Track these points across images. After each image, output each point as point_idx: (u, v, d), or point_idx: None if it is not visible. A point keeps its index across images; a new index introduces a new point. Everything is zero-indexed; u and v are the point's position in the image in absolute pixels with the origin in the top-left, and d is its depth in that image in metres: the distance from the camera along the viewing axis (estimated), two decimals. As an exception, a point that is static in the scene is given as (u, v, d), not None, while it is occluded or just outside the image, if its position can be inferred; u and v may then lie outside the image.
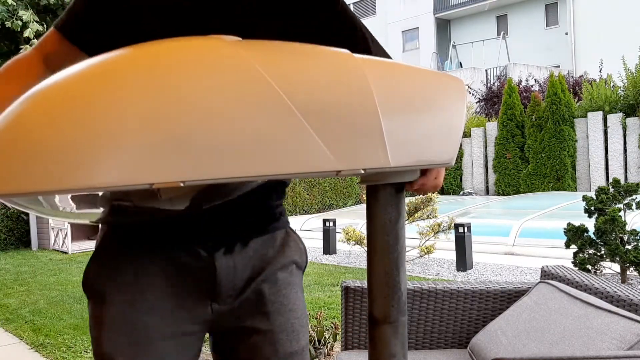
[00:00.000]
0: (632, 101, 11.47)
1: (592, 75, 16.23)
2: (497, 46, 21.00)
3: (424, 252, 5.79)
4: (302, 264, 1.05)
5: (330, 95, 0.56)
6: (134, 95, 0.47)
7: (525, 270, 5.56)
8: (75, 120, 0.45)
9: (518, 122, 12.46)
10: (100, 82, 0.48)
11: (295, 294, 1.00)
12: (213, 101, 0.49)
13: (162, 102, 0.47)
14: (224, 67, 0.51)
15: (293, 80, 0.54)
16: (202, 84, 0.49)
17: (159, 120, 0.46)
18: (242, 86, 0.51)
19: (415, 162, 0.63)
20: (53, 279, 5.94)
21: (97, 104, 0.46)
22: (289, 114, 0.52)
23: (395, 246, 0.67)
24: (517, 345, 1.70)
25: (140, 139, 0.46)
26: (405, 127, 0.62)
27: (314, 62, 0.58)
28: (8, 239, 8.63)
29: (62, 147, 0.44)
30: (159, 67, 0.49)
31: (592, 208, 4.44)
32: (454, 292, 2.09)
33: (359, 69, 0.60)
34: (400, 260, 0.68)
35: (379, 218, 0.68)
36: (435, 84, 0.69)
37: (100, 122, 0.45)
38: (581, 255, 4.45)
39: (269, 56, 0.55)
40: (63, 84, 0.48)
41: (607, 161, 11.56)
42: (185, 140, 0.47)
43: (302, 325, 0.99)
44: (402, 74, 0.66)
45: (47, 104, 0.46)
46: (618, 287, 1.83)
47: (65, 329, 3.95)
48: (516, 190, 12.32)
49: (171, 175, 0.46)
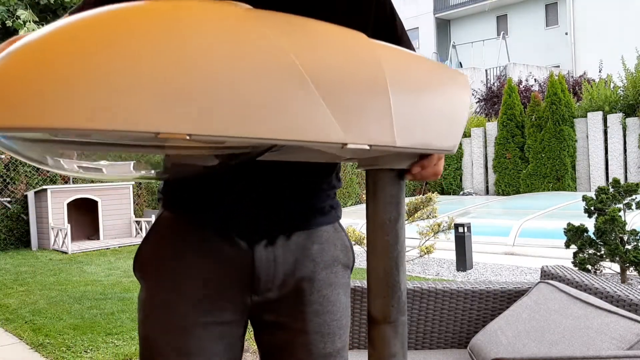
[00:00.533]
0: (632, 101, 11.47)
1: (592, 76, 16.24)
2: (497, 46, 21.00)
3: (424, 252, 5.79)
4: (349, 263, 1.03)
5: (343, 68, 0.56)
6: (148, 44, 0.46)
7: (525, 270, 5.56)
8: (86, 58, 0.44)
9: (518, 122, 12.46)
10: (116, 27, 0.47)
11: (337, 295, 0.98)
12: (226, 61, 0.49)
13: (175, 54, 0.46)
14: (238, 31, 0.51)
15: (307, 49, 0.54)
16: (217, 44, 0.49)
17: (171, 71, 0.46)
18: (255, 50, 0.50)
19: (420, 145, 0.64)
20: (53, 279, 5.94)
21: (110, 47, 0.45)
22: (300, 80, 0.52)
23: (395, 246, 0.67)
24: (517, 345, 1.70)
25: (150, 86, 0.45)
26: (413, 110, 0.62)
27: (328, 37, 0.59)
28: (8, 239, 8.63)
29: (68, 83, 0.42)
30: (176, 20, 0.49)
31: (592, 208, 4.44)
32: (454, 292, 2.09)
33: (372, 49, 0.61)
34: (400, 259, 0.68)
35: (379, 217, 0.68)
36: (443, 74, 0.71)
37: (111, 64, 0.44)
38: (581, 255, 4.45)
39: (284, 26, 0.55)
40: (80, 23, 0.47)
41: (607, 161, 11.56)
42: (194, 94, 0.46)
43: (339, 327, 0.97)
44: (413, 60, 0.67)
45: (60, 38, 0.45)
46: (618, 287, 1.83)
47: (65, 329, 3.95)
48: (516, 190, 12.32)
49: (177, 127, 0.45)
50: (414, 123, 0.62)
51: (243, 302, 0.94)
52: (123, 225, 9.15)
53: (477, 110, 16.63)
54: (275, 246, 0.93)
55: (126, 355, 3.41)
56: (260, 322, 0.99)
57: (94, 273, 6.25)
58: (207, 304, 0.92)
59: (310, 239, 0.96)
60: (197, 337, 0.91)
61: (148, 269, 0.96)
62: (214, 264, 0.92)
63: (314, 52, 0.54)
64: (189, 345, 0.91)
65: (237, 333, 0.96)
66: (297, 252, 0.95)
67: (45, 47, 0.44)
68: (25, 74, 0.43)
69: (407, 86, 0.63)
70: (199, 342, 0.91)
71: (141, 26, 0.46)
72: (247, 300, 0.95)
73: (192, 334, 0.91)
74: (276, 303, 0.95)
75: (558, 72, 14.21)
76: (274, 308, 0.96)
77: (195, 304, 0.92)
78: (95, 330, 3.90)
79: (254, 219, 0.92)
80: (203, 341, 0.91)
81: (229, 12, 0.52)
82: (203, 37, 0.48)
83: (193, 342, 0.91)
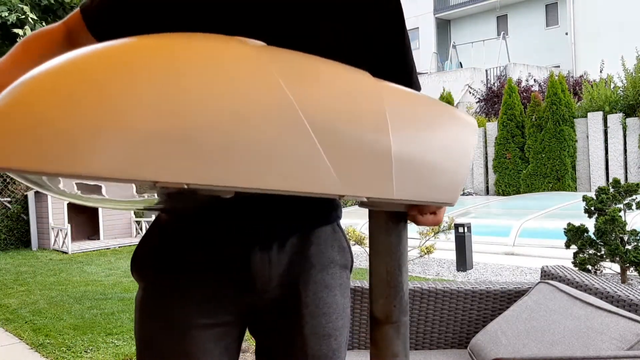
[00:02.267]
0: (632, 101, 11.47)
1: (592, 76, 16.23)
2: (497, 46, 20.99)
3: (424, 252, 5.79)
4: (346, 264, 1.02)
5: (346, 118, 0.55)
6: (147, 85, 0.45)
7: (525, 271, 5.56)
8: (81, 102, 0.43)
9: (518, 122, 12.46)
10: (114, 66, 0.46)
11: (333, 297, 0.97)
12: (227, 105, 0.48)
13: (175, 98, 0.46)
14: (243, 73, 0.50)
15: (310, 96, 0.53)
16: (218, 86, 0.48)
17: (169, 116, 0.45)
18: (258, 94, 0.50)
19: (419, 198, 0.62)
20: (53, 279, 5.94)
21: (107, 88, 0.44)
22: (301, 131, 0.51)
23: (398, 246, 0.67)
24: (517, 345, 1.71)
25: (148, 131, 0.44)
26: (414, 162, 0.61)
27: (333, 81, 0.57)
28: (8, 239, 8.63)
29: (62, 129, 0.42)
30: (177, 60, 0.48)
31: (592, 208, 4.45)
32: (454, 292, 2.10)
33: (377, 94, 0.59)
34: (402, 260, 0.68)
35: (381, 218, 0.68)
36: (451, 120, 0.68)
37: (108, 107, 0.43)
38: (581, 256, 4.45)
39: (290, 68, 0.53)
40: (74, 62, 0.46)
41: (607, 161, 11.56)
42: (193, 141, 0.46)
43: (335, 329, 0.97)
44: (420, 105, 0.65)
45: (56, 80, 0.44)
46: (618, 287, 1.83)
47: (65, 329, 3.95)
48: (516, 191, 12.32)
49: (175, 175, 0.45)
50: (414, 175, 0.61)
51: (240, 303, 0.95)
52: (123, 225, 9.15)
53: (477, 110, 16.62)
54: (270, 249, 0.93)
55: (126, 355, 3.41)
56: (257, 323, 0.99)
57: (94, 273, 6.25)
58: (205, 306, 0.92)
59: (307, 240, 0.96)
60: (195, 339, 0.91)
61: (145, 269, 0.96)
62: (211, 266, 0.92)
63: (318, 100, 0.54)
64: (186, 346, 0.91)
65: (234, 334, 0.97)
66: (293, 254, 0.95)
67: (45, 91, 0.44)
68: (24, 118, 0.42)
69: (411, 138, 0.61)
70: (196, 343, 0.91)
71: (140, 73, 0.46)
72: (244, 302, 0.95)
73: (190, 335, 0.91)
74: (272, 304, 0.96)
75: (558, 72, 14.20)
76: (270, 309, 0.96)
77: (193, 305, 0.92)
78: (96, 330, 3.90)
79: (251, 228, 0.92)
80: (201, 343, 0.92)
81: (235, 55, 0.51)
82: (204, 84, 0.47)
83: (191, 344, 0.91)
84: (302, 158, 0.51)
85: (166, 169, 0.45)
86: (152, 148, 0.44)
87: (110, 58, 0.47)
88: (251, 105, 0.49)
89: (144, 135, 0.44)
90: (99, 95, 0.44)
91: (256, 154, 0.49)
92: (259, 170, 0.49)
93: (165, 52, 0.48)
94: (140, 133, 0.44)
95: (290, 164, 0.50)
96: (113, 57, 0.47)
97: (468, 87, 18.03)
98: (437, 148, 0.65)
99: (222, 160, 0.47)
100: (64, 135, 0.42)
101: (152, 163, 0.44)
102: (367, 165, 0.56)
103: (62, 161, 0.42)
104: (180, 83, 0.46)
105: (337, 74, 0.58)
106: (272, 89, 0.50)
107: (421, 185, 0.62)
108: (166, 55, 0.48)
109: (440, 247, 6.21)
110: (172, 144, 0.45)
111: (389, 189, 0.58)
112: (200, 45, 0.50)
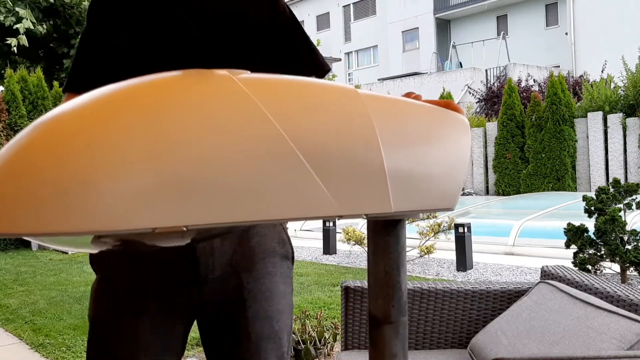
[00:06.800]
0: (632, 101, 11.47)
1: (592, 76, 16.23)
2: (497, 46, 21.00)
3: (424, 252, 5.79)
4: (287, 255, 1.10)
5: (334, 139, 0.55)
6: (133, 136, 0.45)
7: (525, 270, 5.56)
8: (69, 162, 0.43)
9: (518, 122, 12.46)
10: (97, 121, 0.46)
11: (275, 283, 1.06)
12: (215, 142, 0.48)
13: (162, 143, 0.46)
14: (228, 107, 0.50)
15: (297, 121, 0.53)
16: (204, 124, 0.48)
17: (160, 163, 0.45)
18: (245, 127, 0.50)
19: (417, 207, 0.62)
20: (53, 279, 5.94)
21: (94, 144, 0.44)
22: (292, 157, 0.51)
23: (396, 246, 0.67)
24: (517, 345, 1.70)
25: (140, 182, 0.44)
26: (409, 172, 0.61)
27: (318, 102, 0.56)
28: (8, 239, 8.63)
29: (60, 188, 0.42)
30: (159, 104, 0.48)
31: (592, 208, 4.45)
32: (454, 292, 2.09)
33: (363, 109, 0.58)
34: (400, 260, 0.68)
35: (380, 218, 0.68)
36: (441, 123, 0.67)
37: (98, 164, 0.43)
38: (581, 255, 4.45)
39: (274, 95, 0.53)
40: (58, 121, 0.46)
41: (607, 161, 11.56)
42: (186, 183, 0.46)
43: (277, 312, 1.05)
44: (407, 114, 0.64)
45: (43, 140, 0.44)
46: (618, 287, 1.83)
47: (65, 329, 3.95)
48: (516, 190, 12.32)
49: (173, 219, 0.45)
50: (410, 187, 0.61)
51: (188, 294, 1.02)
52: (123, 225, 9.15)
53: (477, 110, 16.63)
54: (213, 239, 1.00)
55: (126, 355, 3.41)
56: (203, 314, 1.06)
57: (94, 273, 6.24)
58: (155, 294, 1.00)
59: (248, 233, 1.04)
60: (144, 325, 0.99)
61: (102, 260, 1.04)
62: (159, 255, 0.98)
63: (306, 125, 0.53)
64: (134, 331, 0.99)
65: (181, 325, 1.04)
66: (236, 244, 1.02)
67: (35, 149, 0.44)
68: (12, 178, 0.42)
69: (402, 148, 0.61)
70: (144, 329, 0.99)
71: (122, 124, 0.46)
72: (192, 293, 1.02)
73: (139, 320, 0.99)
74: (217, 294, 1.03)
75: (558, 72, 14.21)
76: (215, 300, 1.03)
77: (145, 293, 0.99)
78: (96, 331, 3.90)
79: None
80: (149, 328, 0.99)
81: (220, 91, 0.51)
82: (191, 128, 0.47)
83: (138, 329, 0.99)
84: (297, 186, 0.51)
85: (163, 215, 0.45)
86: (146, 198, 0.44)
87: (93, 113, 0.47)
88: (239, 140, 0.49)
89: (137, 187, 0.44)
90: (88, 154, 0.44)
91: (251, 188, 0.49)
92: (255, 204, 0.49)
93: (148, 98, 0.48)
94: (133, 187, 0.44)
95: (285, 193, 0.51)
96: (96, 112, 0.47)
97: (468, 87, 18.05)
98: (431, 155, 0.64)
99: (217, 199, 0.47)
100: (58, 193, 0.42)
101: (149, 212, 0.44)
102: (362, 183, 0.56)
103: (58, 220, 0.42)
104: (166, 128, 0.47)
105: (321, 93, 0.58)
106: (259, 121, 0.50)
107: (419, 195, 0.62)
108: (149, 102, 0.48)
109: (440, 247, 6.21)
110: (165, 190, 0.45)
111: (386, 204, 0.58)
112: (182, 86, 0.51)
